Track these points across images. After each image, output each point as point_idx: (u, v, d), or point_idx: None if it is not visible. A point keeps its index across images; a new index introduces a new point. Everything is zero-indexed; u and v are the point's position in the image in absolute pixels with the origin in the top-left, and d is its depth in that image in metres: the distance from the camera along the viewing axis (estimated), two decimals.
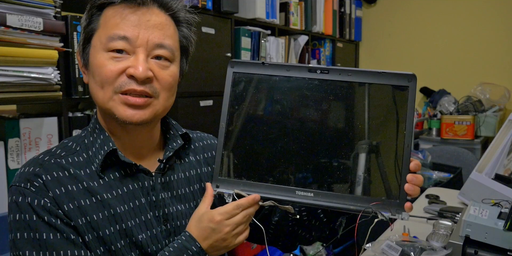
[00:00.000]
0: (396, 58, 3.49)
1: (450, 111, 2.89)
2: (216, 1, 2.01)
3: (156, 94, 0.74)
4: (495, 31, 3.06)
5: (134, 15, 0.72)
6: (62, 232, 0.69)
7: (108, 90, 0.72)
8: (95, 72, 0.73)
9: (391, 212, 0.69)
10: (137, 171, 0.78)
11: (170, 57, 0.76)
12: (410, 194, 0.69)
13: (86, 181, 0.73)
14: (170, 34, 0.76)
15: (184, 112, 1.90)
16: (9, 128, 1.25)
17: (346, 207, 0.71)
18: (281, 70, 0.75)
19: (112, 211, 0.73)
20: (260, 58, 2.30)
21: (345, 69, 0.73)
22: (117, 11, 0.73)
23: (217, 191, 0.76)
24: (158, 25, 0.74)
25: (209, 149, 0.94)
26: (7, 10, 1.13)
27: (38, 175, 0.71)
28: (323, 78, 0.74)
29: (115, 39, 0.71)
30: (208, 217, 0.72)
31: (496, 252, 0.85)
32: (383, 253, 0.95)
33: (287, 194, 0.73)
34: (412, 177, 0.69)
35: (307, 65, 0.75)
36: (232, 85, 0.77)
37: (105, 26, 0.73)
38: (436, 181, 2.21)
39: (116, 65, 0.71)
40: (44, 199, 0.69)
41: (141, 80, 0.71)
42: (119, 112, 0.72)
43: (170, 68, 0.76)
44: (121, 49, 0.72)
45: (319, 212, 0.88)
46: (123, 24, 0.72)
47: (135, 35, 0.71)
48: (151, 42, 0.72)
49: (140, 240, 0.75)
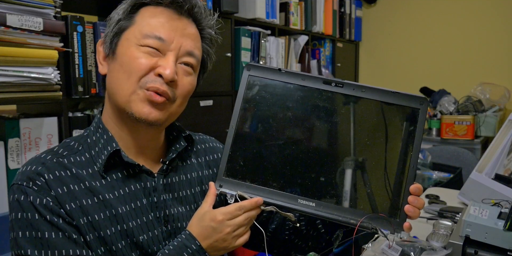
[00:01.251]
0: (396, 58, 3.49)
1: (450, 111, 2.89)
2: (216, 1, 2.01)
3: (174, 98, 0.76)
4: (495, 31, 3.06)
5: (172, 21, 0.76)
6: (64, 231, 0.69)
7: (134, 82, 0.73)
8: (125, 62, 0.74)
9: (390, 230, 0.69)
10: (140, 172, 0.78)
11: (195, 66, 0.80)
12: (410, 216, 0.70)
13: (88, 181, 0.73)
14: (199, 46, 0.80)
15: (184, 112, 1.89)
16: (9, 128, 1.25)
17: (346, 220, 0.71)
18: (296, 79, 0.76)
19: (114, 212, 0.73)
20: (260, 58, 2.30)
21: (359, 85, 0.74)
22: (156, 12, 0.76)
23: (220, 191, 0.76)
24: (192, 35, 0.78)
25: (212, 152, 0.94)
26: (7, 10, 1.13)
27: (41, 174, 0.71)
28: (337, 91, 0.75)
29: (151, 37, 0.74)
30: (210, 216, 0.73)
31: (496, 252, 0.85)
32: (383, 253, 0.95)
33: (289, 201, 0.73)
34: (413, 199, 0.70)
35: (322, 76, 0.77)
36: (246, 88, 0.77)
37: (142, 24, 0.75)
38: (436, 181, 2.21)
39: (150, 60, 0.74)
40: (46, 198, 0.69)
41: (167, 81, 0.73)
42: (138, 108, 0.73)
43: (192, 76, 0.80)
44: (155, 47, 0.74)
45: (317, 222, 0.89)
46: (162, 26, 0.75)
47: (170, 38, 0.74)
48: (183, 48, 0.76)
49: (141, 240, 0.75)
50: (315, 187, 0.74)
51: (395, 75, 3.48)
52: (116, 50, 0.76)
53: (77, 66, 1.43)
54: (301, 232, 0.91)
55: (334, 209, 0.72)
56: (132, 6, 0.77)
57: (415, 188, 0.71)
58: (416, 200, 0.70)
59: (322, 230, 0.88)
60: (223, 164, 0.76)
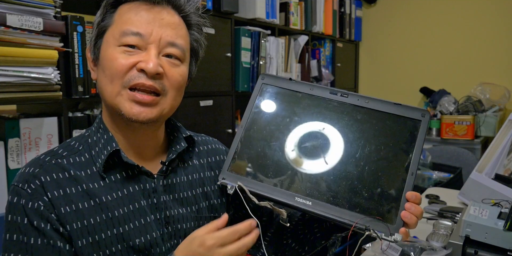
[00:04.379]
0: (396, 58, 3.49)
1: (450, 111, 2.89)
2: (216, 1, 2.01)
3: (164, 91, 0.74)
4: (495, 31, 3.06)
5: (148, 13, 0.73)
6: (49, 239, 0.68)
7: (117, 85, 0.72)
8: (105, 65, 0.73)
9: (385, 232, 0.70)
10: (139, 173, 0.77)
11: (181, 56, 0.76)
12: (406, 222, 0.70)
13: (86, 183, 0.73)
14: (182, 35, 0.77)
15: (184, 112, 1.90)
16: (9, 128, 1.25)
17: (342, 220, 0.72)
18: (305, 88, 0.82)
19: (110, 215, 0.72)
20: (260, 58, 2.30)
21: (363, 96, 0.79)
22: (131, 7, 0.74)
23: (221, 182, 0.79)
24: (171, 24, 0.75)
25: (214, 154, 0.93)
26: (7, 10, 1.13)
27: (37, 176, 0.71)
28: (342, 101, 0.80)
29: (128, 34, 0.72)
30: (200, 240, 0.66)
31: (496, 252, 0.86)
32: (383, 253, 0.95)
33: (287, 198, 0.75)
34: (410, 206, 0.70)
35: (329, 87, 0.82)
36: (259, 94, 0.84)
37: (119, 22, 0.74)
38: (436, 181, 2.21)
39: (128, 59, 0.72)
40: (38, 202, 0.69)
41: (151, 75, 0.71)
42: (126, 109, 0.72)
43: (180, 67, 0.77)
44: (134, 44, 0.72)
45: (315, 226, 0.88)
46: (137, 21, 0.72)
47: (148, 31, 0.72)
48: (163, 39, 0.73)
49: (138, 244, 0.73)
50: (313, 187, 0.75)
51: (395, 75, 3.48)
52: (100, 55, 0.75)
53: (77, 66, 1.43)
54: (298, 236, 0.91)
55: (330, 209, 0.73)
56: (108, 6, 0.76)
57: (412, 195, 0.71)
58: (412, 207, 0.70)
59: (318, 234, 0.88)
60: (228, 159, 0.81)
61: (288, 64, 2.58)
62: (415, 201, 0.71)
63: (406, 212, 0.70)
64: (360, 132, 0.77)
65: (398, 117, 0.76)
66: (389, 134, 0.76)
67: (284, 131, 0.81)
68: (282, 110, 0.82)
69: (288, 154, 0.79)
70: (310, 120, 0.80)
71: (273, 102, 0.84)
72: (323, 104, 0.81)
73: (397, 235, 0.69)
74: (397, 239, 0.69)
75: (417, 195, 0.72)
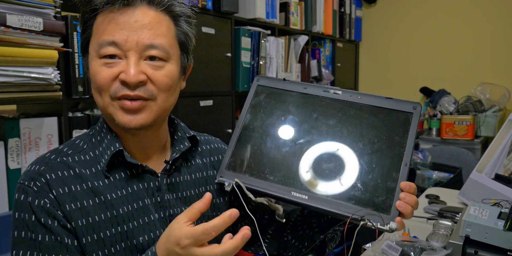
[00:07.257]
0: (396, 58, 3.49)
1: (450, 111, 2.89)
2: (216, 1, 2.01)
3: (152, 96, 0.72)
4: (495, 31, 3.06)
5: (121, 18, 0.70)
6: (57, 235, 0.69)
7: (106, 97, 0.72)
8: (92, 79, 0.73)
9: (381, 222, 0.70)
10: (143, 172, 0.78)
11: (164, 56, 0.73)
12: (401, 211, 0.70)
13: (91, 181, 0.73)
14: (161, 33, 0.72)
15: (184, 112, 1.90)
16: (9, 128, 1.25)
17: (338, 212, 0.73)
18: (299, 87, 0.85)
19: (115, 213, 0.73)
20: (260, 58, 2.31)
21: (355, 92, 0.81)
22: (105, 15, 0.71)
23: (218, 180, 0.82)
24: (146, 25, 0.70)
25: (216, 153, 0.93)
26: (7, 10, 1.13)
27: (42, 174, 0.71)
28: (335, 97, 0.82)
29: (104, 45, 0.69)
30: (175, 238, 0.63)
31: (496, 252, 0.86)
32: (383, 253, 0.95)
33: (283, 193, 0.77)
34: (404, 195, 0.71)
35: (322, 85, 0.84)
36: (254, 95, 0.87)
37: (96, 33, 0.72)
38: (436, 181, 2.21)
39: (109, 72, 0.70)
40: (44, 200, 0.69)
41: (133, 85, 0.70)
42: (118, 118, 0.72)
43: (165, 68, 0.73)
44: (113, 54, 0.70)
45: (313, 221, 0.89)
46: (111, 29, 0.69)
47: (123, 38, 0.69)
48: (140, 43, 0.70)
49: (141, 242, 0.74)
50: (309, 181, 0.77)
51: (395, 75, 3.48)
52: (88, 67, 0.75)
53: (77, 66, 1.43)
54: (298, 233, 0.91)
55: (326, 202, 0.74)
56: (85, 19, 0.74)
57: (406, 184, 0.72)
58: (407, 197, 0.71)
59: (317, 229, 0.89)
60: (226, 158, 0.83)
61: (288, 64, 2.59)
62: (410, 191, 0.72)
63: (401, 202, 0.71)
64: (354, 127, 0.79)
65: (390, 111, 0.78)
66: (382, 128, 0.78)
67: (280, 129, 0.83)
68: (277, 109, 0.85)
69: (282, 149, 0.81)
70: (304, 117, 0.82)
71: (268, 102, 0.86)
72: (317, 102, 0.83)
73: (392, 224, 0.70)
74: (392, 228, 0.69)
75: (411, 185, 0.72)
